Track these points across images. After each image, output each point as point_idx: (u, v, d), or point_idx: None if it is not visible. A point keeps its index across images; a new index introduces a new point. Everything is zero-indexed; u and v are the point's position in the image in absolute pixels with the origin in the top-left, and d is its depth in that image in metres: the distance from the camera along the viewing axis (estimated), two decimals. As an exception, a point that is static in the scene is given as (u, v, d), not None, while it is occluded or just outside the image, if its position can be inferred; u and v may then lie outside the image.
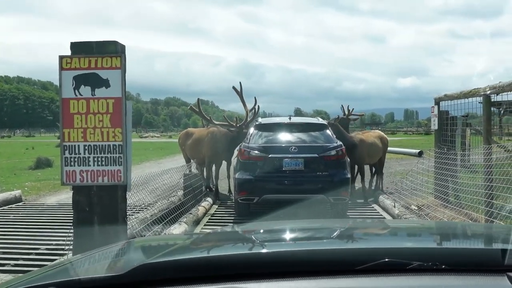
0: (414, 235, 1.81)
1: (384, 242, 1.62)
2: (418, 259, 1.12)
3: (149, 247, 1.62)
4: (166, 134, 72.92)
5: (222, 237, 1.80)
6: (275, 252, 1.31)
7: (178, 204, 7.32)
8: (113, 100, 4.07)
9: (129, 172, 4.14)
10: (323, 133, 7.52)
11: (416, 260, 1.11)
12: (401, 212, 6.98)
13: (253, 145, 7.21)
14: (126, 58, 4.15)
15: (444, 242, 1.66)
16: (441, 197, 7.27)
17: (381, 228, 1.93)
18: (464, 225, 2.72)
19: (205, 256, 1.26)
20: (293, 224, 2.07)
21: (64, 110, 4.06)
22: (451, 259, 1.17)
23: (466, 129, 8.61)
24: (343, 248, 1.37)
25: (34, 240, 5.73)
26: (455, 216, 6.19)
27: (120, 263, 1.30)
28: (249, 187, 7.00)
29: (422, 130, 60.93)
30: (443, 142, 8.07)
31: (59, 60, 4.07)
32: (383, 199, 8.25)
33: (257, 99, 9.54)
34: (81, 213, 4.05)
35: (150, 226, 5.78)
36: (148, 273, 1.10)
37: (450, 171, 7.08)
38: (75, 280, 1.12)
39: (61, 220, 6.84)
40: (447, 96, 7.98)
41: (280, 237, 1.71)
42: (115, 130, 4.07)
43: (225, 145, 9.04)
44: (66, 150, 4.06)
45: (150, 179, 7.08)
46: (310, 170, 6.96)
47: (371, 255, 1.15)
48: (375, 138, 9.76)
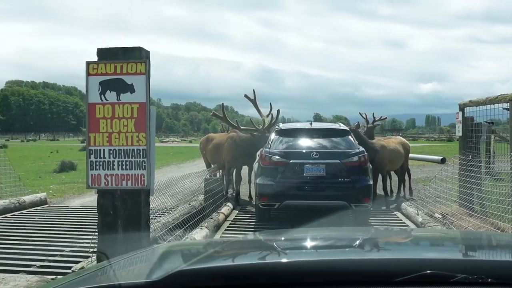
0: (453, 245, 1.75)
1: (423, 252, 1.56)
2: (462, 271, 1.07)
3: (180, 253, 1.60)
4: (186, 139, 73.47)
5: (254, 245, 1.77)
6: (313, 261, 1.28)
7: (199, 208, 7.36)
8: (137, 105, 4.12)
9: (152, 177, 4.18)
10: (345, 139, 7.43)
11: (460, 273, 1.07)
12: (424, 220, 6.86)
13: (274, 150, 7.17)
14: (150, 63, 4.21)
15: (488, 254, 1.60)
16: (465, 205, 7.13)
17: (411, 238, 1.87)
18: (505, 236, 2.61)
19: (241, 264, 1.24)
20: (318, 232, 2.03)
21: (90, 114, 4.12)
22: (498, 272, 1.11)
23: (491, 136, 8.44)
24: (382, 258, 1.32)
25: (59, 242, 5.83)
26: (481, 225, 6.06)
27: (155, 268, 1.30)
28: (270, 192, 6.96)
29: (444, 137, 59.88)
30: (467, 149, 7.92)
31: (86, 66, 4.14)
32: (406, 206, 8.13)
33: (275, 104, 9.54)
34: (106, 217, 4.10)
35: (172, 230, 5.82)
36: (184, 280, 1.09)
37: (475, 179, 6.94)
38: (116, 285, 1.12)
39: (85, 223, 6.96)
40: (472, 102, 7.84)
41: (315, 245, 1.68)
42: (139, 134, 4.11)
43: (245, 150, 9.03)
44: (92, 154, 4.12)
45: (171, 184, 7.14)
46: (331, 176, 6.91)
47: (412, 266, 1.10)
48: (397, 144, 9.64)
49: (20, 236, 6.29)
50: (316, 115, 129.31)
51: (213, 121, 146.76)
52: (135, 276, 1.26)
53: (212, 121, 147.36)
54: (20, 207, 8.30)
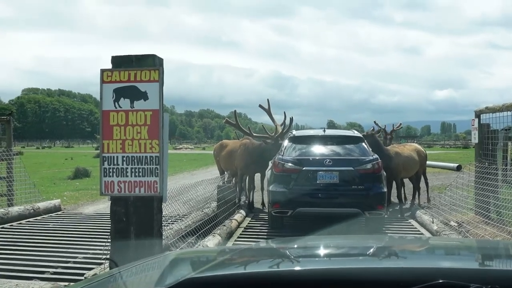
0: (467, 254, 1.72)
1: (436, 261, 1.53)
2: (476, 281, 1.05)
3: (191, 260, 1.60)
4: (199, 146, 73.74)
5: (262, 253, 1.75)
6: (325, 269, 1.27)
7: (212, 215, 7.35)
8: (151, 112, 4.14)
9: (165, 184, 4.18)
10: (359, 146, 7.37)
11: (473, 282, 1.05)
12: (440, 228, 6.75)
13: (287, 157, 7.14)
14: (164, 71, 4.23)
15: (502, 264, 1.57)
16: (482, 213, 7.00)
17: (425, 246, 1.85)
18: None
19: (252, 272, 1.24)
20: (332, 240, 2.01)
21: (104, 122, 4.15)
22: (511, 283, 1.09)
23: (508, 143, 8.30)
24: (394, 267, 1.31)
25: (72, 249, 5.86)
26: (497, 233, 5.94)
27: (165, 276, 1.29)
28: (283, 200, 6.91)
29: (460, 144, 59.14)
30: (483, 156, 7.80)
31: (100, 74, 4.18)
32: (421, 214, 8.02)
33: (289, 111, 9.60)
34: (118, 223, 4.11)
35: (184, 237, 5.81)
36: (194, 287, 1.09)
37: (491, 186, 6.82)
38: None
39: (98, 230, 7.00)
40: (488, 109, 7.72)
41: (328, 253, 1.66)
42: (152, 141, 4.13)
43: (258, 157, 9.03)
44: (105, 161, 4.15)
45: (184, 191, 7.15)
46: (345, 183, 6.84)
47: (424, 275, 1.10)
48: (411, 151, 9.54)
49: (34, 242, 6.35)
50: (330, 122, 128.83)
51: (226, 128, 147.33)
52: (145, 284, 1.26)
53: (226, 128, 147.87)
54: (34, 213, 8.39)
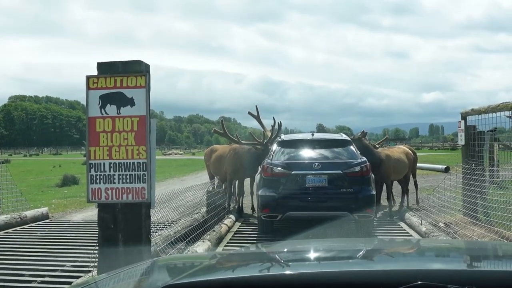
0: (447, 256, 1.74)
1: (415, 263, 1.55)
2: (453, 282, 1.07)
3: (173, 266, 1.60)
4: (189, 151, 73.46)
5: (246, 258, 1.76)
6: (300, 273, 1.27)
7: (201, 221, 7.32)
8: (137, 119, 4.12)
9: (153, 190, 4.16)
10: (347, 149, 7.42)
11: (452, 284, 1.06)
12: (428, 230, 6.80)
13: (276, 161, 7.17)
14: (150, 77, 4.22)
15: (480, 264, 1.58)
16: (470, 214, 7.07)
17: (410, 248, 1.86)
18: (499, 246, 2.60)
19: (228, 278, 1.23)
20: (318, 244, 2.02)
21: (90, 128, 4.13)
22: (489, 283, 1.11)
23: (494, 144, 8.40)
24: (372, 269, 1.31)
25: (60, 257, 5.80)
26: (485, 234, 6.00)
27: (144, 283, 1.28)
28: (272, 204, 6.92)
29: (448, 146, 59.69)
30: (470, 158, 7.88)
31: (86, 80, 4.16)
32: (410, 216, 8.06)
33: (278, 116, 9.70)
34: (106, 230, 4.08)
35: (173, 243, 5.78)
36: None
37: (479, 187, 6.89)
38: None
39: (87, 237, 6.92)
40: (474, 111, 7.81)
41: (305, 257, 1.67)
42: (139, 148, 4.11)
43: (248, 162, 9.02)
44: (92, 168, 4.12)
45: (173, 196, 7.12)
46: (334, 187, 6.87)
47: (402, 277, 1.10)
48: (401, 153, 9.61)
49: (21, 251, 6.25)
50: (319, 126, 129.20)
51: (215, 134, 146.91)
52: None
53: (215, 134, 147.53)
54: (21, 222, 8.27)
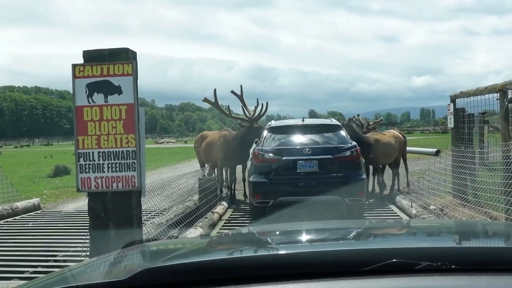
0: (425, 234, 1.77)
1: (392, 242, 1.59)
2: (426, 259, 1.09)
3: (158, 251, 1.62)
4: (181, 139, 73.30)
5: (228, 241, 1.79)
6: (278, 254, 1.29)
7: (194, 208, 7.34)
8: (125, 107, 4.09)
9: (143, 178, 4.16)
10: (337, 134, 7.46)
11: (425, 260, 1.08)
12: (418, 212, 6.88)
13: (266, 148, 7.20)
14: (137, 64, 4.18)
15: (454, 241, 1.62)
16: (459, 196, 7.15)
17: (391, 228, 1.90)
18: (477, 224, 2.66)
19: (206, 260, 1.25)
20: (300, 226, 2.05)
21: (78, 117, 4.10)
22: (461, 259, 1.13)
23: (484, 127, 8.47)
24: (349, 249, 1.34)
25: (52, 247, 5.80)
26: (475, 215, 6.08)
27: (125, 268, 1.29)
28: (263, 190, 6.98)
29: (439, 129, 60.10)
30: (460, 140, 7.94)
31: (72, 69, 4.12)
32: (400, 199, 8.15)
33: (271, 102, 9.63)
34: (97, 219, 4.08)
35: (165, 231, 5.80)
36: (150, 277, 1.09)
37: (468, 170, 6.96)
38: (72, 287, 1.11)
39: (78, 227, 6.91)
40: (463, 93, 7.86)
41: (286, 239, 1.69)
42: (128, 136, 4.09)
43: (237, 148, 8.99)
44: (81, 157, 4.10)
45: (165, 184, 7.12)
46: (324, 171, 6.90)
47: (379, 255, 1.12)
48: (390, 138, 9.67)
49: (13, 242, 6.25)
50: (311, 112, 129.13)
51: (208, 121, 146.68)
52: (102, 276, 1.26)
53: (207, 121, 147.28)
54: (13, 213, 8.24)
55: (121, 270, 1.29)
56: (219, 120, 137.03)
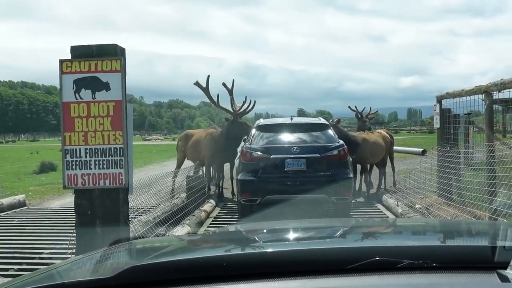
0: (408, 233, 1.81)
1: (376, 240, 1.62)
2: (408, 257, 1.11)
3: (144, 249, 1.62)
4: (169, 137, 72.82)
5: (214, 239, 1.80)
6: (264, 252, 1.30)
7: (181, 206, 7.33)
8: (113, 103, 4.07)
9: (130, 175, 4.14)
10: (325, 133, 7.51)
11: (407, 259, 1.11)
12: (404, 211, 6.96)
13: (255, 146, 7.22)
14: (126, 60, 4.16)
15: (437, 240, 1.65)
16: (444, 195, 7.25)
17: (376, 227, 1.93)
18: (460, 223, 2.71)
19: (192, 258, 1.26)
20: (286, 224, 2.07)
21: (65, 114, 4.07)
22: (442, 257, 1.16)
23: (469, 127, 8.58)
24: (333, 247, 1.36)
25: (37, 244, 5.75)
26: (459, 214, 6.17)
27: (111, 265, 1.30)
28: (251, 188, 7.00)
29: (425, 129, 60.67)
30: (445, 140, 8.04)
31: (59, 64, 4.08)
32: (387, 198, 8.23)
33: (260, 100, 9.82)
34: (83, 217, 4.05)
35: (153, 228, 5.78)
36: (136, 275, 1.09)
37: (453, 169, 7.06)
38: (58, 285, 1.11)
39: (64, 224, 6.86)
40: (449, 94, 7.95)
41: (272, 237, 1.71)
42: (116, 133, 4.07)
43: (223, 144, 8.97)
44: (68, 154, 4.07)
45: (153, 182, 7.09)
46: (312, 170, 6.94)
47: (362, 254, 1.14)
48: (378, 137, 9.76)
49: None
50: (300, 110, 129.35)
51: (197, 118, 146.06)
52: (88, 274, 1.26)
53: (196, 118, 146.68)
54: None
55: (107, 267, 1.29)
56: (208, 118, 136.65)
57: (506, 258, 1.06)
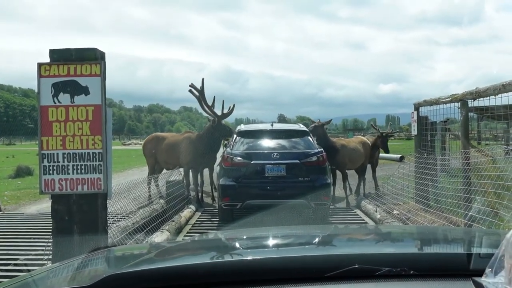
0: (387, 240, 1.83)
1: (355, 248, 1.63)
2: (387, 264, 1.13)
3: (123, 256, 1.60)
4: (149, 141, 71.97)
5: (193, 246, 1.79)
6: (241, 260, 1.31)
7: (161, 211, 7.27)
8: (92, 108, 4.04)
9: (109, 180, 4.10)
10: (304, 139, 7.64)
11: (385, 266, 1.12)
12: (382, 217, 7.05)
13: (236, 151, 7.31)
14: (106, 65, 4.13)
15: (414, 247, 1.68)
16: (421, 201, 7.37)
17: (355, 234, 1.94)
18: (436, 230, 2.75)
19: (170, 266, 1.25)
20: (265, 231, 2.08)
21: (42, 118, 4.01)
22: (419, 264, 1.18)
23: (446, 134, 8.75)
24: (312, 255, 1.37)
25: (13, 251, 5.63)
26: (436, 220, 6.27)
27: (89, 273, 1.28)
28: (232, 193, 7.07)
29: (403, 136, 61.48)
30: (423, 147, 8.19)
31: (37, 68, 4.03)
32: (365, 204, 8.32)
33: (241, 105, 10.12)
34: (60, 222, 3.99)
35: (132, 234, 5.72)
36: (115, 283, 1.09)
37: (430, 176, 7.19)
38: None
39: (41, 230, 6.73)
40: (426, 102, 8.12)
41: (251, 244, 1.71)
42: (94, 137, 4.03)
43: (203, 150, 8.87)
44: (45, 159, 4.01)
45: (132, 187, 7.02)
46: (291, 175, 7.06)
47: (341, 261, 1.15)
48: (357, 143, 9.86)
49: (-29, 245, 6.01)
50: (280, 116, 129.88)
51: (177, 123, 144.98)
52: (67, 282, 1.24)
53: (176, 123, 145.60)
54: (-29, 215, 7.94)
55: (85, 275, 1.28)
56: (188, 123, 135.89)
57: (481, 266, 1.07)
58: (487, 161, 5.90)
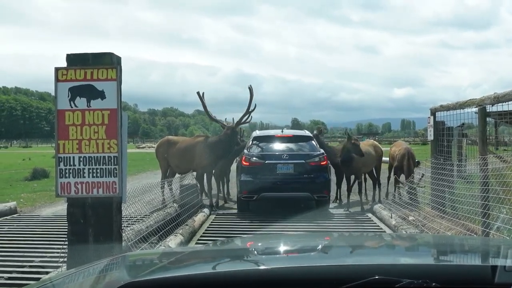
0: (407, 250, 1.79)
1: (374, 258, 1.59)
2: (408, 276, 1.10)
3: (139, 263, 1.60)
4: (163, 145, 72.44)
5: (209, 254, 1.77)
6: (257, 269, 1.30)
7: (175, 215, 7.28)
8: (108, 112, 4.06)
9: (124, 184, 4.12)
10: (309, 143, 9.10)
11: (406, 278, 1.09)
12: (398, 223, 6.96)
13: (252, 153, 8.73)
14: (121, 69, 4.15)
15: (436, 258, 1.63)
16: (437, 207, 7.26)
17: (373, 243, 1.90)
18: (458, 240, 2.68)
19: (187, 275, 1.24)
20: (280, 240, 2.05)
21: (59, 121, 4.05)
22: (441, 277, 1.14)
23: (462, 140, 8.63)
24: (331, 265, 1.34)
25: (28, 253, 5.68)
26: (452, 227, 6.17)
27: (107, 281, 1.28)
28: (249, 187, 8.44)
29: (419, 140, 60.87)
30: (439, 153, 8.08)
31: (55, 72, 4.07)
32: (380, 209, 8.23)
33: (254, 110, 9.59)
34: (76, 225, 4.02)
35: (146, 237, 5.74)
36: None
37: (447, 182, 7.08)
38: None
39: (56, 232, 6.79)
40: (443, 107, 8.00)
41: (267, 253, 1.69)
42: (110, 141, 4.05)
43: (218, 153, 9.11)
44: (61, 162, 4.04)
45: (146, 190, 7.05)
46: (298, 173, 8.48)
47: (361, 272, 1.13)
48: (369, 146, 9.84)
49: (-12, 247, 6.09)
50: (294, 120, 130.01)
51: (190, 127, 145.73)
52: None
53: (190, 127, 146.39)
54: (-12, 217, 8.05)
55: (102, 283, 1.27)
56: (202, 126, 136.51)
57: (506, 280, 1.04)
58: (507, 167, 5.79)
